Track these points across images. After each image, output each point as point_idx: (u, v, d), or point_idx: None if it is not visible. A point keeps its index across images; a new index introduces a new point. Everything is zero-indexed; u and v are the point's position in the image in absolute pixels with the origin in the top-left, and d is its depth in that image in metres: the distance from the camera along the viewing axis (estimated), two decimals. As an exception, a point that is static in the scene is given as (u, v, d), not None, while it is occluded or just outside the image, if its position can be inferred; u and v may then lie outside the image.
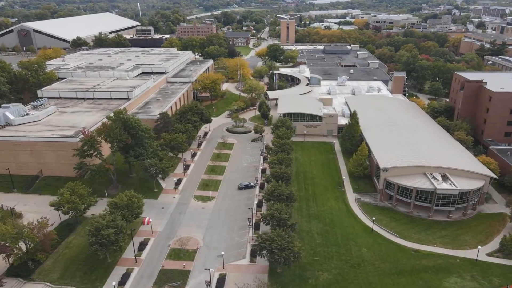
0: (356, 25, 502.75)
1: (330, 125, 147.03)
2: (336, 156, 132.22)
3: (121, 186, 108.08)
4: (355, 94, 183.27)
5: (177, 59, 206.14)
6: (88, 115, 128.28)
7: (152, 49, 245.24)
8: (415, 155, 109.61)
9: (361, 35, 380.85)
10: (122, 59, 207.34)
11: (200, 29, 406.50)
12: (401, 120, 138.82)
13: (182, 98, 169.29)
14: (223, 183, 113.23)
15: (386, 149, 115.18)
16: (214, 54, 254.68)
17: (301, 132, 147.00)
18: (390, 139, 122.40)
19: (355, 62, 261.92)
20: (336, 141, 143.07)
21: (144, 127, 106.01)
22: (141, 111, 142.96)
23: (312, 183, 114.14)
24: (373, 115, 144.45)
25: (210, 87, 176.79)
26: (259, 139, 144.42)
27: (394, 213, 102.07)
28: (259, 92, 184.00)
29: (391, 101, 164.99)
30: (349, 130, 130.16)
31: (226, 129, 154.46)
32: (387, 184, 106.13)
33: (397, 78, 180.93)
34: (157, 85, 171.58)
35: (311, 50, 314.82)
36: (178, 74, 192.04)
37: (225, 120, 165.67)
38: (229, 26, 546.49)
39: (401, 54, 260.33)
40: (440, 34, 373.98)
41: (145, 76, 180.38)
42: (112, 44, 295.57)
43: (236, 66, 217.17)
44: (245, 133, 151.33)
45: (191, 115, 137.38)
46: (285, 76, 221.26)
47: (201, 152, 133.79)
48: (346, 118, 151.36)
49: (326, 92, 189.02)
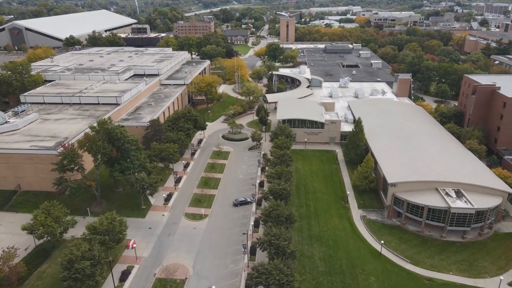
0: (357, 23, 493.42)
1: (333, 132, 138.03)
2: (339, 166, 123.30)
3: (105, 203, 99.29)
4: (358, 97, 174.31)
5: (171, 60, 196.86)
6: (73, 123, 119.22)
7: (146, 49, 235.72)
8: (426, 168, 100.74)
9: (363, 33, 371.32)
10: (114, 60, 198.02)
11: (198, 27, 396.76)
12: (408, 127, 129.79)
13: (176, 102, 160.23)
14: (217, 198, 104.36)
15: (394, 161, 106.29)
16: (211, 54, 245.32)
17: (302, 139, 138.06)
18: (397, 149, 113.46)
19: (358, 62, 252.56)
20: (339, 149, 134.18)
21: (130, 138, 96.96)
22: (131, 117, 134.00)
23: (313, 198, 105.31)
24: (379, 121, 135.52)
25: (206, 91, 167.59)
26: (256, 147, 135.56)
27: (404, 232, 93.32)
28: (257, 95, 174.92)
29: (396, 105, 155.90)
30: (353, 138, 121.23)
31: (222, 136, 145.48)
32: (396, 200, 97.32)
33: (402, 81, 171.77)
34: (149, 88, 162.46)
35: (311, 49, 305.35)
36: (173, 76, 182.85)
37: (221, 125, 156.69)
38: (228, 23, 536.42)
39: (405, 54, 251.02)
40: (444, 32, 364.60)
41: (137, 78, 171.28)
42: (106, 43, 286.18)
43: (233, 67, 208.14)
44: (242, 140, 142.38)
45: (184, 122, 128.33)
46: (284, 78, 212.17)
47: (194, 162, 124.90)
48: (349, 124, 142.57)
49: (327, 94, 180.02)
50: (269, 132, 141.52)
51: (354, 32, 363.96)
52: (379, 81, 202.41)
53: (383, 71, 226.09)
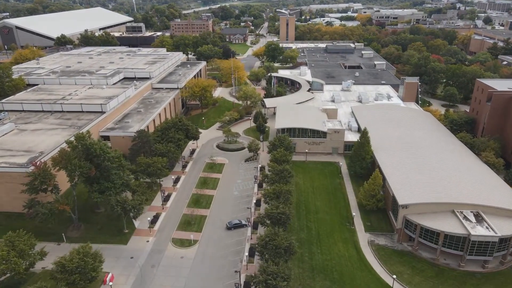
0: (359, 21, 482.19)
1: (336, 142, 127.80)
2: (343, 181, 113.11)
3: (84, 226, 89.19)
4: (362, 102, 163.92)
5: (164, 62, 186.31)
6: (52, 134, 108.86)
7: (139, 49, 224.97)
8: (441, 187, 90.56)
9: (365, 31, 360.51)
10: (104, 62, 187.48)
11: (195, 25, 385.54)
12: (418, 137, 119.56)
13: (168, 108, 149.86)
14: (208, 220, 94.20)
15: (404, 178, 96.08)
16: (207, 54, 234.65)
17: (302, 149, 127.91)
18: (407, 163, 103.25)
19: (360, 63, 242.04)
20: (343, 161, 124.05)
21: (111, 155, 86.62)
22: (118, 126, 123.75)
23: (315, 219, 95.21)
24: (385, 131, 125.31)
25: (200, 95, 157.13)
26: (253, 158, 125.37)
27: (416, 260, 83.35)
28: (255, 100, 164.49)
29: (404, 111, 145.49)
30: (358, 150, 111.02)
31: (216, 146, 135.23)
32: (407, 223, 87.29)
33: (409, 85, 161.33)
34: (140, 93, 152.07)
35: (312, 49, 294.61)
36: (165, 79, 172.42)
37: (216, 133, 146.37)
38: (227, 21, 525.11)
39: (410, 54, 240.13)
40: (448, 30, 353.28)
41: (127, 82, 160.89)
42: (99, 42, 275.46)
43: (230, 68, 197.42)
44: (238, 150, 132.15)
45: (175, 132, 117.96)
46: (284, 80, 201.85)
47: (185, 176, 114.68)
48: (353, 133, 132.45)
49: (329, 99, 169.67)
50: (267, 142, 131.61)
51: (356, 31, 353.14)
52: (383, 84, 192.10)
53: (387, 72, 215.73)
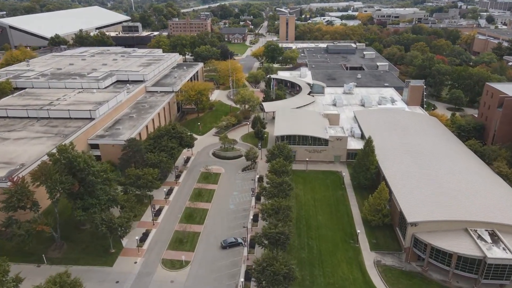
0: (360, 20, 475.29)
1: (338, 150, 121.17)
2: (346, 192, 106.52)
3: (67, 245, 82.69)
4: (365, 106, 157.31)
5: (160, 64, 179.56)
6: (36, 143, 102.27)
7: (134, 50, 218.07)
8: (452, 202, 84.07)
9: (366, 31, 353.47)
10: (97, 64, 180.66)
11: (193, 24, 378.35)
12: (425, 145, 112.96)
13: (162, 113, 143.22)
14: (202, 237, 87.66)
15: (412, 191, 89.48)
16: (205, 55, 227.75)
17: (303, 158, 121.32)
18: (415, 174, 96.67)
19: (362, 64, 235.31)
20: (346, 170, 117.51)
21: (96, 169, 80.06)
22: (108, 134, 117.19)
23: (317, 236, 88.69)
24: (391, 138, 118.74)
25: (196, 99, 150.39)
26: (251, 167, 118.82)
27: (427, 283, 77.00)
28: (253, 103, 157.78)
29: (409, 117, 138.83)
30: (362, 160, 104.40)
31: (212, 153, 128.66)
32: (416, 242, 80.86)
33: (414, 88, 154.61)
34: (132, 97, 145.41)
35: (312, 49, 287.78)
36: (160, 82, 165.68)
37: (212, 139, 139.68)
38: (226, 20, 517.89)
39: (413, 55, 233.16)
40: (451, 30, 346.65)
41: (120, 85, 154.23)
42: (94, 42, 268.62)
43: (228, 70, 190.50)
44: (235, 158, 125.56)
45: (168, 140, 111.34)
46: (283, 82, 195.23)
47: (179, 187, 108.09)
48: (356, 140, 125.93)
49: (330, 102, 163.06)
50: (266, 149, 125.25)
51: (357, 30, 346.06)
52: (386, 86, 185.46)
53: (390, 74, 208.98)
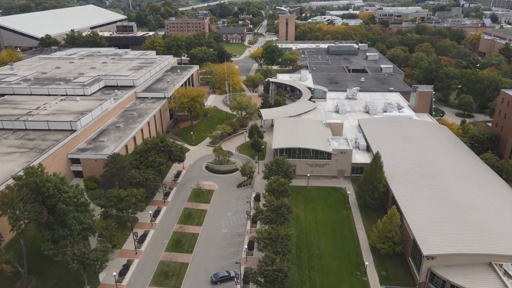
0: (361, 19, 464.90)
1: (342, 164, 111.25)
2: (352, 213, 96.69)
3: (36, 280, 72.90)
4: (369, 113, 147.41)
5: (152, 67, 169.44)
6: (7, 160, 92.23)
7: (126, 52, 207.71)
8: (474, 232, 74.34)
9: (368, 31, 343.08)
10: (85, 67, 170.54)
11: (190, 24, 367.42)
12: (438, 159, 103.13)
13: (153, 121, 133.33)
14: (190, 269, 77.84)
15: (427, 217, 79.63)
16: (201, 57, 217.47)
17: (304, 172, 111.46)
18: (429, 196, 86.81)
19: (365, 66, 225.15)
20: (350, 186, 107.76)
21: (68, 195, 70.18)
22: (91, 147, 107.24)
23: (319, 267, 78.92)
24: (399, 151, 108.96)
25: (189, 106, 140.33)
26: (247, 183, 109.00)
27: (445, 326, 67.34)
28: (250, 111, 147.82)
29: (418, 126, 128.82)
30: (369, 178, 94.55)
31: (205, 167, 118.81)
32: (433, 277, 71.26)
33: (423, 94, 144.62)
34: (121, 104, 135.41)
35: (313, 50, 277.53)
36: (152, 87, 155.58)
37: (206, 150, 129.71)
38: (225, 19, 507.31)
39: (418, 57, 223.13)
40: (455, 30, 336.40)
41: (108, 91, 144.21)
42: (86, 43, 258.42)
43: (227, 70, 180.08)
44: (230, 172, 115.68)
45: (155, 155, 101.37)
46: (283, 86, 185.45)
47: (167, 207, 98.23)
48: (361, 152, 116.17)
49: (333, 108, 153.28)
50: (264, 161, 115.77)
51: (359, 30, 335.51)
52: (392, 91, 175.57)
53: (395, 77, 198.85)
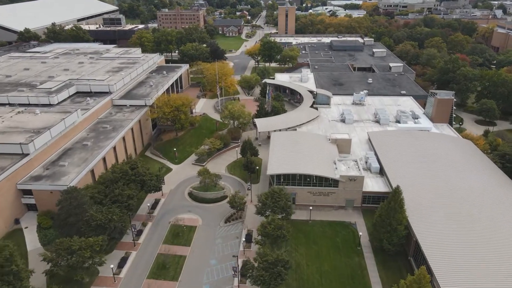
0: (364, 9, 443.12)
1: (351, 193, 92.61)
2: (365, 259, 78.37)
3: None
4: (380, 123, 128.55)
5: (133, 68, 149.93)
6: None
7: (108, 50, 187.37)
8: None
9: (373, 23, 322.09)
10: (57, 69, 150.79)
11: (184, 15, 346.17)
12: (471, 191, 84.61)
13: (130, 135, 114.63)
14: None
15: (470, 280, 61.57)
16: (192, 54, 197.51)
17: (305, 201, 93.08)
18: (470, 246, 68.52)
19: (372, 64, 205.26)
20: (361, 219, 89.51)
21: None
22: (47, 174, 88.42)
23: None
24: (421, 177, 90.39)
25: (172, 117, 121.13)
26: (237, 216, 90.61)
27: None
28: (244, 120, 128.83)
29: (439, 142, 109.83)
30: (387, 217, 76.07)
31: (188, 193, 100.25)
32: None
33: (442, 102, 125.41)
34: (93, 114, 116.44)
35: (315, 45, 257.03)
36: (132, 93, 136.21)
37: (191, 169, 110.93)
38: (222, 10, 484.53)
39: (430, 54, 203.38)
40: (466, 22, 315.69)
41: (80, 98, 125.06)
42: (68, 38, 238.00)
43: (219, 72, 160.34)
44: (217, 200, 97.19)
45: (124, 187, 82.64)
46: (282, 88, 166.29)
47: (137, 253, 79.68)
48: (374, 177, 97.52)
49: (338, 117, 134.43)
50: (257, 186, 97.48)
51: (364, 23, 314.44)
52: (404, 95, 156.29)
53: (406, 78, 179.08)
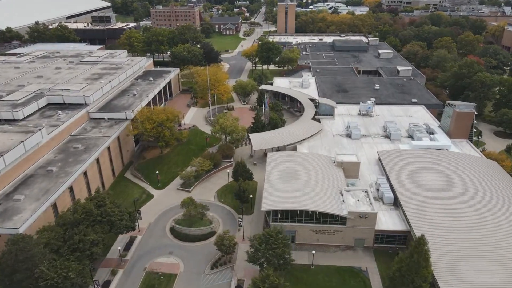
0: (367, 6, 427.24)
1: (361, 231, 78.00)
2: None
3: None
4: (391, 139, 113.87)
5: (115, 75, 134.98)
6: None
7: (90, 53, 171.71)
8: None
9: (377, 21, 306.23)
10: (30, 75, 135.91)
11: (179, 13, 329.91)
12: (498, 224, 70.28)
13: (106, 155, 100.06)
14: None
15: None
16: (183, 57, 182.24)
17: (306, 240, 78.77)
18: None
19: (378, 67, 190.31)
20: (373, 263, 75.11)
21: None
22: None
23: None
24: (442, 210, 75.97)
25: (155, 135, 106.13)
26: (226, 260, 76.12)
27: None
28: (237, 136, 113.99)
29: (460, 164, 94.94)
30: (408, 272, 61.55)
31: (170, 229, 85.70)
32: None
33: (462, 116, 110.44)
34: (64, 131, 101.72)
35: (316, 45, 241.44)
36: (112, 104, 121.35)
37: (176, 196, 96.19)
38: (219, 6, 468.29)
39: (440, 56, 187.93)
40: (475, 20, 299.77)
41: (51, 111, 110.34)
42: (53, 37, 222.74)
43: (212, 78, 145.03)
44: (204, 238, 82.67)
45: (86, 230, 67.89)
46: (280, 95, 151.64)
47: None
48: (387, 209, 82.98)
49: (343, 130, 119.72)
50: (251, 218, 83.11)
51: (367, 21, 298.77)
52: (415, 103, 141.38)
53: (416, 83, 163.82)
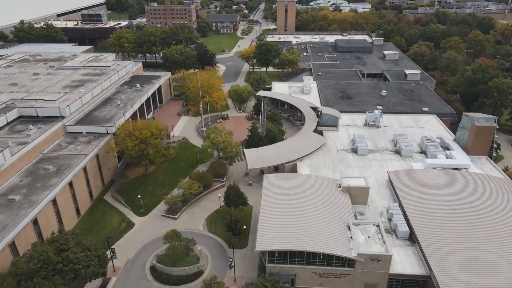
0: (369, 2, 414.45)
1: (372, 276, 66.46)
2: None
3: None
4: (401, 155, 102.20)
5: (98, 82, 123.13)
6: None
7: (74, 56, 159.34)
8: None
9: (381, 18, 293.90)
10: (5, 82, 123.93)
11: (174, 10, 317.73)
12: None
13: (82, 177, 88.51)
14: None
15: None
16: (175, 59, 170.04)
17: (308, 284, 67.30)
18: None
19: (384, 69, 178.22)
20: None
21: None
22: None
23: None
24: (466, 247, 64.37)
25: (138, 153, 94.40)
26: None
27: None
28: (230, 153, 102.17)
29: (483, 188, 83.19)
30: None
31: (150, 267, 74.16)
32: None
33: (482, 130, 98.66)
34: (33, 151, 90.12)
35: (317, 45, 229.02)
36: (92, 115, 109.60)
37: (160, 225, 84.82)
38: (217, 2, 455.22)
39: (450, 58, 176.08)
40: (482, 18, 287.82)
41: (22, 125, 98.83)
42: (39, 37, 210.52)
43: (204, 84, 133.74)
44: (189, 280, 71.23)
45: (43, 282, 56.23)
46: (279, 102, 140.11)
47: None
48: (402, 246, 71.30)
49: (348, 144, 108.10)
50: (245, 252, 71.71)
51: (371, 19, 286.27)
52: (425, 112, 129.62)
53: (425, 88, 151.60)
